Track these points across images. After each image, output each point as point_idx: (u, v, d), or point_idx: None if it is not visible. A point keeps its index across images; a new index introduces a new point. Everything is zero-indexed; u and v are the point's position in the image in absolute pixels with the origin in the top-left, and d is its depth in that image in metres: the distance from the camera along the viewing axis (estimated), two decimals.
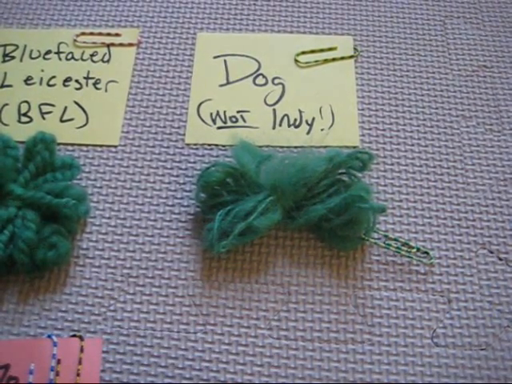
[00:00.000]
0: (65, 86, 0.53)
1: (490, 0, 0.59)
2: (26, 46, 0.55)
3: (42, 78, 0.53)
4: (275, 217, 0.43)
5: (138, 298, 0.43)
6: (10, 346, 0.40)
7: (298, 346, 0.42)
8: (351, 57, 0.55)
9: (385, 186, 0.48)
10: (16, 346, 0.40)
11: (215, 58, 0.55)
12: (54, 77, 0.53)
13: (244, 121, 0.52)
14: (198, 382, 0.40)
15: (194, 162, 0.49)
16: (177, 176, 0.49)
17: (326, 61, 0.55)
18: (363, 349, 0.42)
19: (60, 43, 0.55)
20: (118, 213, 0.47)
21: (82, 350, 0.40)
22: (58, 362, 0.39)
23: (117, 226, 0.46)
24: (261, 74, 0.54)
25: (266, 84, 0.54)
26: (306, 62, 0.55)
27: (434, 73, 0.54)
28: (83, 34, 0.56)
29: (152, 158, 0.50)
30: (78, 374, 0.39)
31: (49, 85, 0.53)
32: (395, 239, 0.46)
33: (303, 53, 0.55)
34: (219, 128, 0.51)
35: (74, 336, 0.41)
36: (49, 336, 0.40)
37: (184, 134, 0.51)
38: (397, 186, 0.48)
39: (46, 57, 0.55)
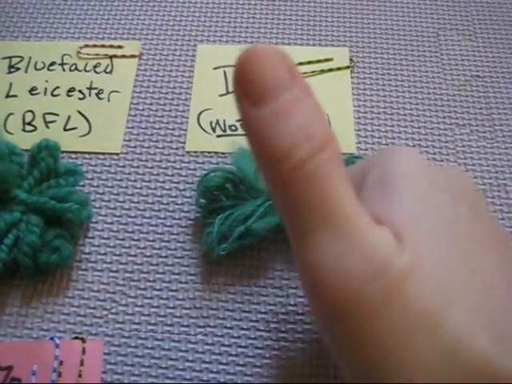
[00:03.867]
0: (68, 96, 0.54)
1: (481, 13, 0.61)
2: (30, 58, 0.57)
3: (46, 89, 0.55)
4: (274, 220, 0.44)
5: (139, 301, 0.44)
6: (14, 348, 0.40)
7: (297, 348, 0.42)
8: (347, 67, 0.57)
9: None
10: (19, 347, 0.40)
11: (215, 68, 0.57)
12: (57, 87, 0.55)
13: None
14: (197, 383, 0.41)
15: (194, 169, 0.50)
16: (177, 182, 0.50)
17: (322, 71, 0.56)
18: None
19: (64, 55, 0.57)
20: (119, 218, 0.48)
21: (83, 352, 0.40)
22: (60, 363, 0.39)
23: (119, 231, 0.47)
24: None
25: None
26: (303, 73, 0.56)
27: (428, 82, 0.56)
28: (86, 46, 0.57)
29: (153, 165, 0.51)
30: (80, 375, 0.39)
31: (53, 95, 0.54)
32: None
33: (300, 64, 0.56)
34: (219, 136, 0.52)
35: (76, 338, 0.42)
36: (51, 338, 0.41)
37: (184, 142, 0.52)
38: None
39: (51, 68, 0.56)
